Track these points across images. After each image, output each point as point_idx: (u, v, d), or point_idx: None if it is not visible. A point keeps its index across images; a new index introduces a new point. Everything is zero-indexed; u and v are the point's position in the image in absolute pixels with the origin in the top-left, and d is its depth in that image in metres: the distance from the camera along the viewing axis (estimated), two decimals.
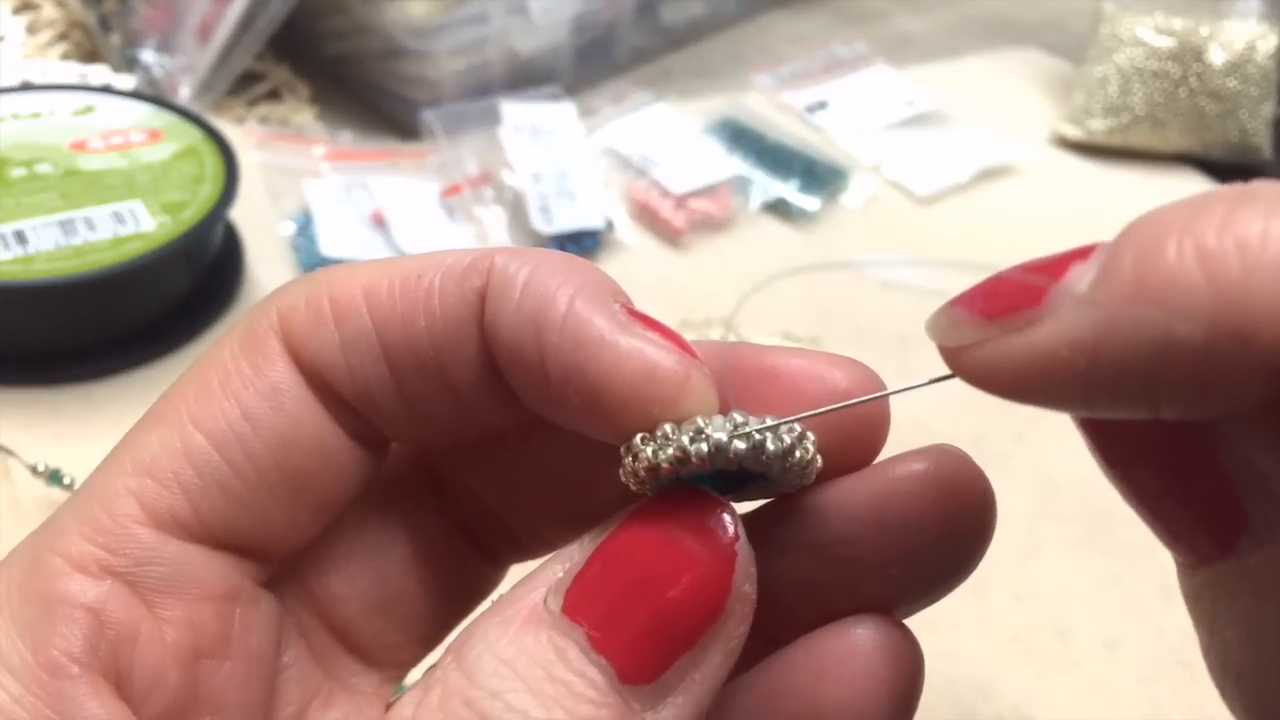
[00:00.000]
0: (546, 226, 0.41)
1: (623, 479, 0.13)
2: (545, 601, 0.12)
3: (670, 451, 0.12)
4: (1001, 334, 0.12)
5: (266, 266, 0.40)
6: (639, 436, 0.13)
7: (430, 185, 0.43)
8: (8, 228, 0.35)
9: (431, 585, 0.15)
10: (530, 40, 0.48)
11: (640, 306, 0.14)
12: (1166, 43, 0.49)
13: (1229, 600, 0.13)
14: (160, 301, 0.37)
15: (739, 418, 0.13)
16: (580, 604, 0.12)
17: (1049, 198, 0.49)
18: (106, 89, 0.42)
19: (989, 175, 0.49)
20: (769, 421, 0.13)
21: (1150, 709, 0.29)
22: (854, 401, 0.14)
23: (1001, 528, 0.37)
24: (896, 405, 0.42)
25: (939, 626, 0.30)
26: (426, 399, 0.14)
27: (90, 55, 0.50)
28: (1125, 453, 0.14)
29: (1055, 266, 0.12)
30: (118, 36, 0.48)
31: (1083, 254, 0.12)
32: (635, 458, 0.13)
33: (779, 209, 0.45)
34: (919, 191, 0.47)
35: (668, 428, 0.12)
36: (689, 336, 0.13)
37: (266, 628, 0.14)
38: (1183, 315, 0.10)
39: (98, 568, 0.13)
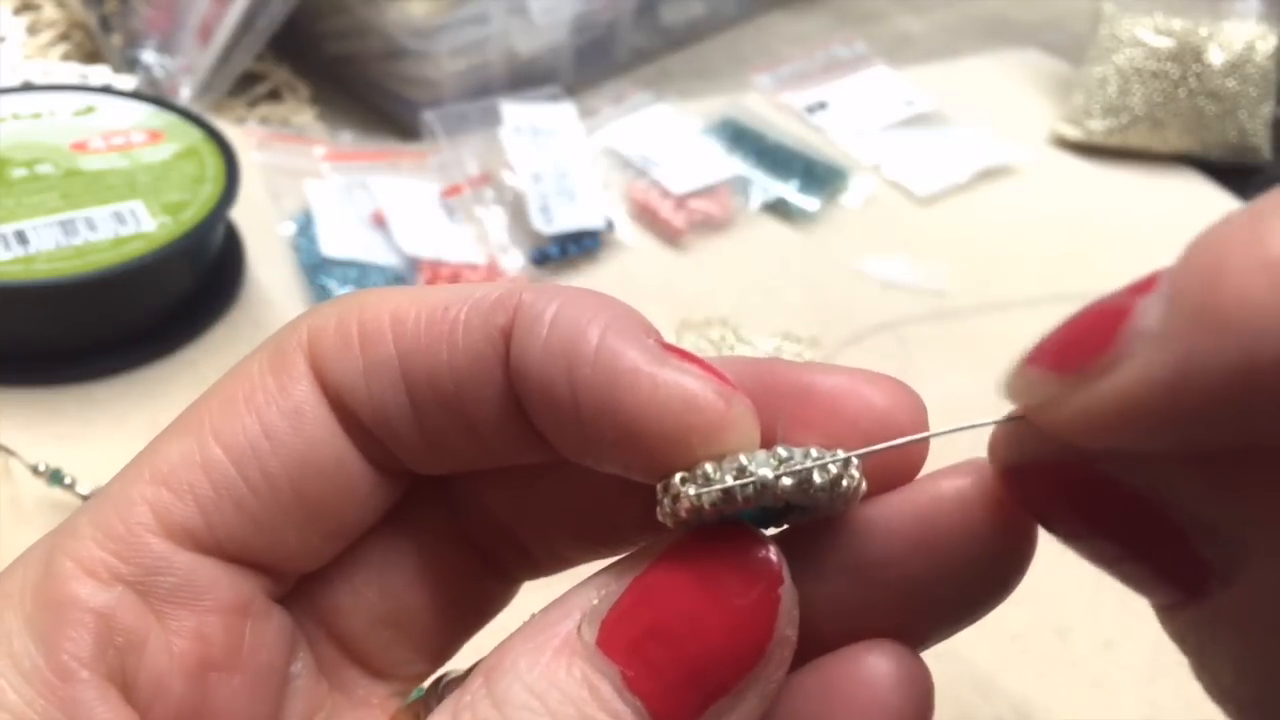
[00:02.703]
0: (547, 226, 0.42)
1: (660, 518, 0.12)
2: (580, 631, 0.12)
3: (714, 492, 0.12)
4: (1080, 385, 0.11)
5: (267, 266, 0.40)
6: (678, 476, 0.12)
7: (430, 185, 0.43)
8: (9, 228, 0.35)
9: (440, 600, 0.15)
10: (530, 41, 0.48)
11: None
12: (1166, 43, 0.49)
13: (1211, 636, 0.12)
14: (161, 302, 0.37)
15: (783, 453, 0.12)
16: (615, 638, 0.12)
17: (1048, 198, 0.49)
18: (107, 89, 0.42)
19: (988, 175, 0.49)
20: (814, 454, 0.12)
21: (1149, 709, 0.29)
22: (908, 440, 0.13)
23: None
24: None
25: None
26: (444, 431, 0.13)
27: (91, 56, 0.50)
28: (1075, 527, 0.13)
29: (1121, 303, 0.11)
30: (118, 37, 0.48)
31: (1146, 286, 0.11)
32: (675, 499, 0.12)
33: (779, 209, 0.46)
34: (918, 192, 0.47)
35: (708, 466, 0.12)
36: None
37: (277, 642, 0.14)
38: (1262, 335, 0.09)
39: (108, 574, 0.13)
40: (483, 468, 0.14)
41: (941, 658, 0.33)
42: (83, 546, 0.13)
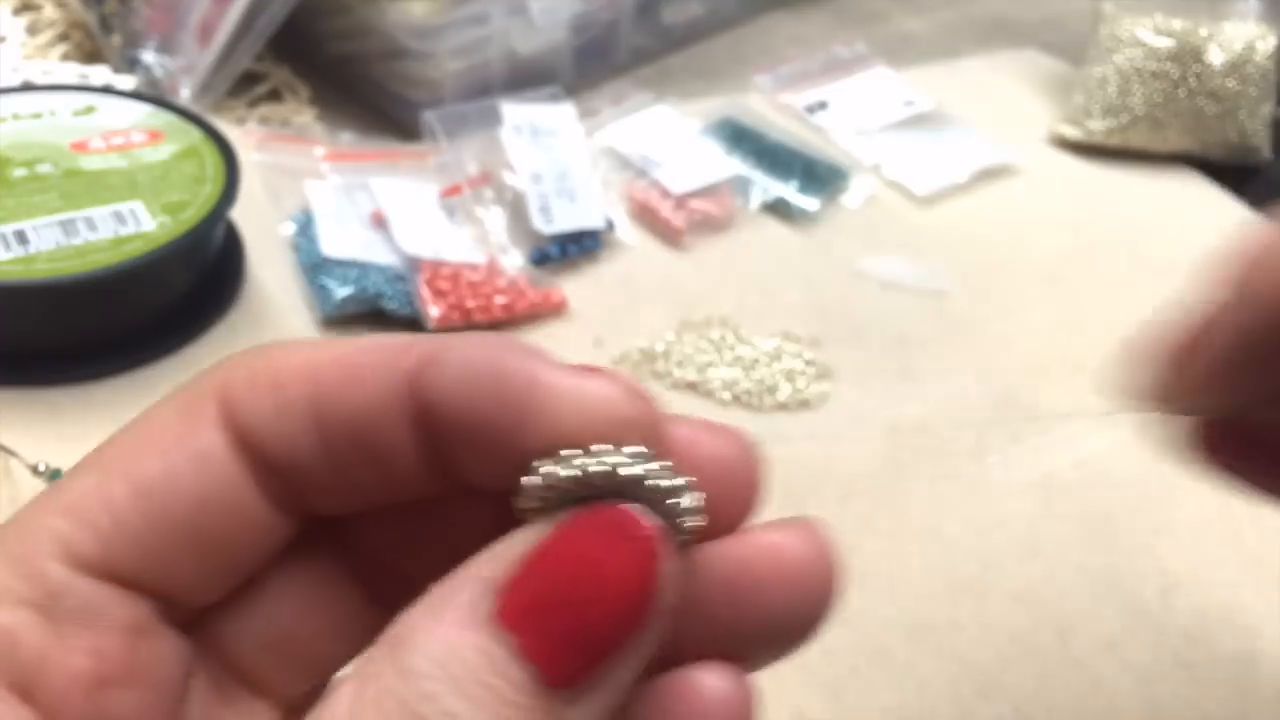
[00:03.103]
0: (547, 227, 0.42)
1: (519, 504, 0.14)
2: (477, 604, 0.13)
3: (567, 471, 0.13)
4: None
5: (267, 266, 0.40)
6: (537, 461, 0.14)
7: (430, 186, 0.43)
8: (8, 228, 0.35)
9: (324, 627, 0.16)
10: (530, 41, 0.48)
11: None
12: (1165, 43, 0.49)
13: None
14: (161, 301, 0.37)
15: (632, 450, 0.14)
16: (510, 608, 0.13)
17: (1048, 198, 0.49)
18: (107, 89, 0.42)
19: (988, 175, 0.49)
20: (665, 465, 0.14)
21: (1150, 709, 0.29)
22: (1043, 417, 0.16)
23: (1001, 529, 0.37)
24: (900, 408, 0.42)
25: (939, 627, 0.30)
26: (352, 469, 0.15)
27: (91, 56, 0.50)
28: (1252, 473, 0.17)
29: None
30: (118, 37, 0.48)
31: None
32: (535, 477, 0.14)
33: (779, 209, 0.46)
34: (918, 192, 0.47)
35: (569, 452, 0.13)
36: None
37: (172, 660, 0.15)
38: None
39: (13, 597, 0.14)
40: (382, 504, 0.15)
41: (944, 659, 0.33)
42: None
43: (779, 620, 0.15)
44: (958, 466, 0.35)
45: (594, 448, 0.13)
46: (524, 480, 0.14)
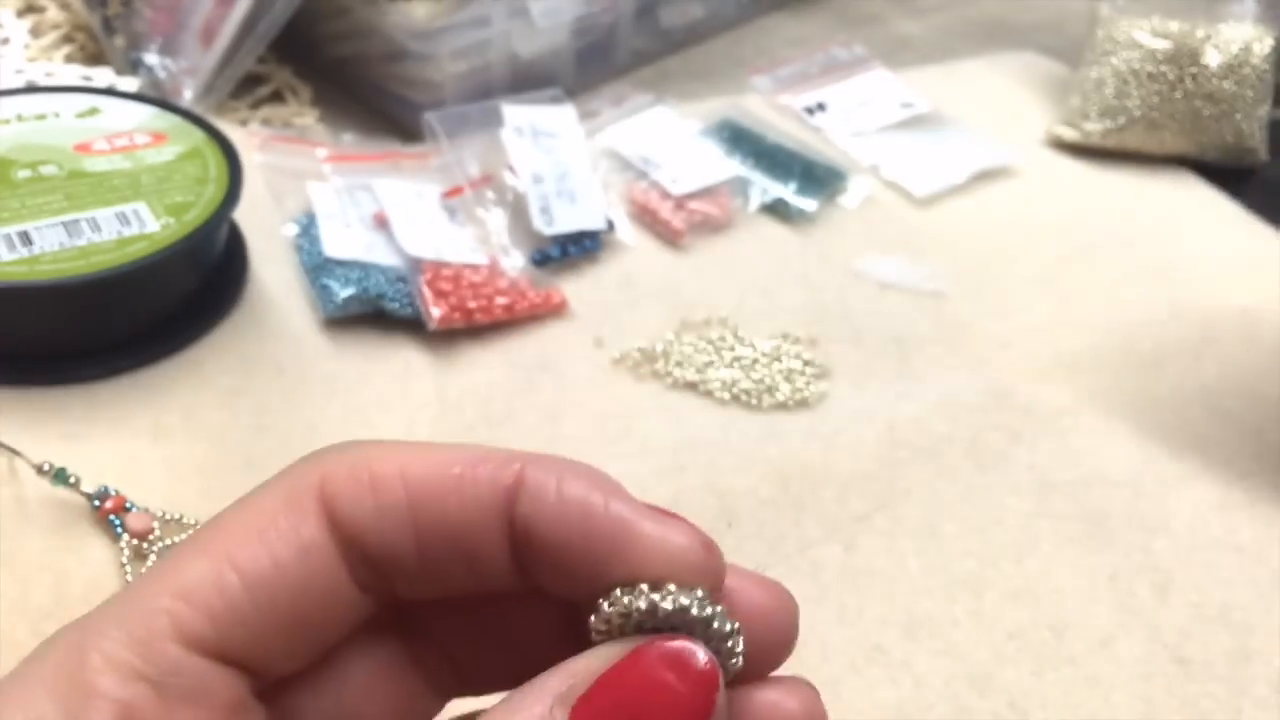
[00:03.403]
0: (547, 227, 0.42)
1: (593, 626, 0.16)
2: (552, 713, 0.15)
3: (642, 603, 0.16)
4: None
5: (270, 267, 0.40)
6: (618, 590, 0.16)
7: (432, 187, 0.43)
8: (13, 229, 0.35)
9: (385, 710, 0.18)
10: (531, 43, 0.48)
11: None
12: (1162, 45, 0.49)
13: None
14: (165, 302, 0.37)
15: (699, 594, 0.16)
16: (585, 718, 0.15)
17: (1045, 199, 0.49)
18: (110, 91, 0.43)
19: (986, 177, 0.49)
20: (722, 610, 0.16)
21: (1144, 705, 0.29)
22: None
23: (998, 527, 0.37)
24: (897, 408, 0.42)
25: (936, 624, 0.31)
26: (443, 565, 0.17)
27: (94, 58, 0.50)
28: None
29: None
30: (121, 39, 0.48)
31: None
32: (611, 604, 0.16)
33: (778, 210, 0.46)
34: (916, 193, 0.48)
35: (644, 586, 0.16)
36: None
37: None
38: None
39: (131, 672, 0.15)
40: (464, 593, 0.18)
41: (941, 656, 0.33)
42: (111, 645, 0.16)
43: None
44: (954, 466, 0.35)
45: (670, 587, 0.16)
46: (603, 605, 0.16)
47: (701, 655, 0.15)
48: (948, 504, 0.34)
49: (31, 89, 0.43)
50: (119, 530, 0.30)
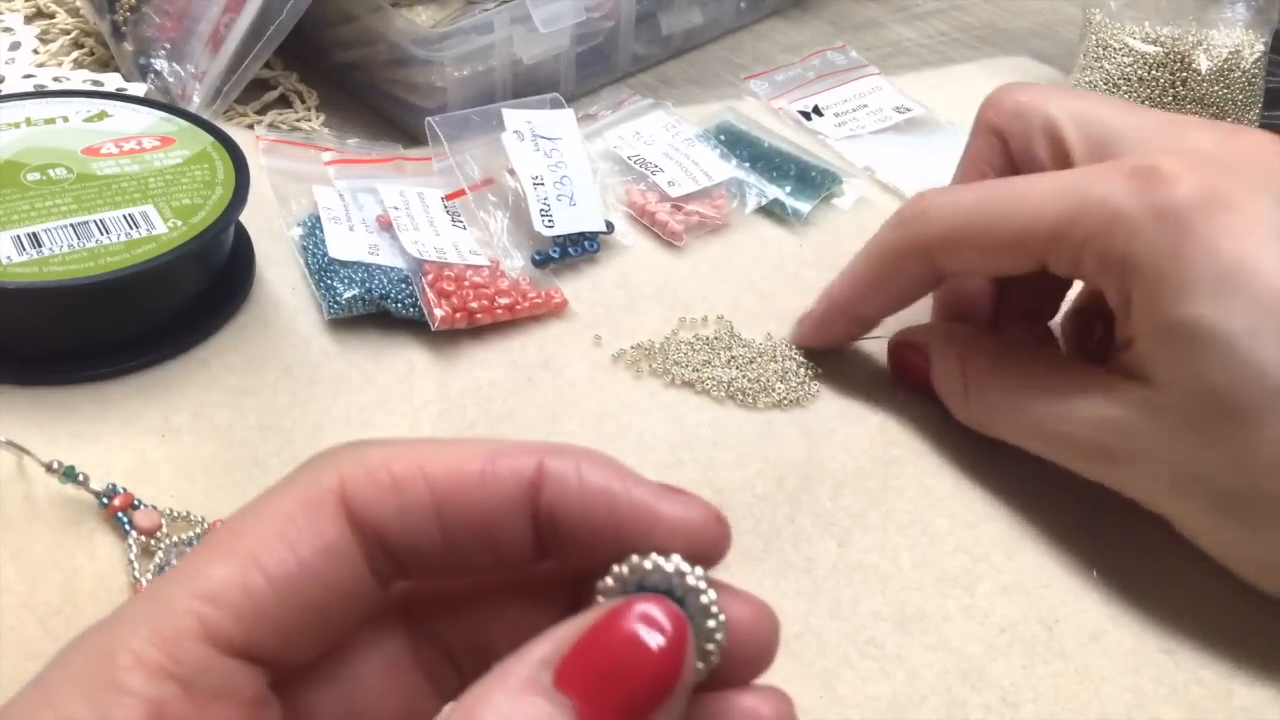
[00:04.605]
0: (548, 229, 0.42)
1: (600, 585, 0.18)
2: (538, 675, 0.16)
3: (626, 570, 0.17)
4: None
5: (276, 268, 0.41)
6: (636, 559, 0.17)
7: (435, 190, 0.44)
8: (22, 231, 0.35)
9: (391, 709, 0.19)
10: (533, 48, 0.49)
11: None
12: (1153, 50, 0.50)
13: None
14: (172, 302, 0.37)
15: (700, 570, 0.17)
16: (567, 679, 0.16)
17: None
18: (119, 96, 0.43)
19: None
20: (714, 593, 0.17)
21: (1133, 697, 0.30)
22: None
23: (989, 523, 0.38)
24: (890, 407, 0.43)
25: (929, 618, 0.31)
26: (470, 554, 0.18)
27: (103, 63, 0.51)
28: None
29: None
30: (130, 45, 0.49)
31: None
32: (608, 576, 0.18)
33: (774, 212, 0.46)
34: (910, 195, 0.48)
35: (655, 556, 0.17)
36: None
37: None
38: None
39: (160, 671, 0.16)
40: (484, 575, 0.19)
41: (933, 650, 0.34)
42: (139, 645, 0.16)
43: None
44: (946, 463, 0.36)
45: (675, 557, 0.17)
46: (604, 579, 0.17)
47: (675, 612, 0.17)
48: (940, 500, 0.34)
49: (41, 93, 0.43)
50: (127, 528, 0.31)
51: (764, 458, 0.35)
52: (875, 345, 0.40)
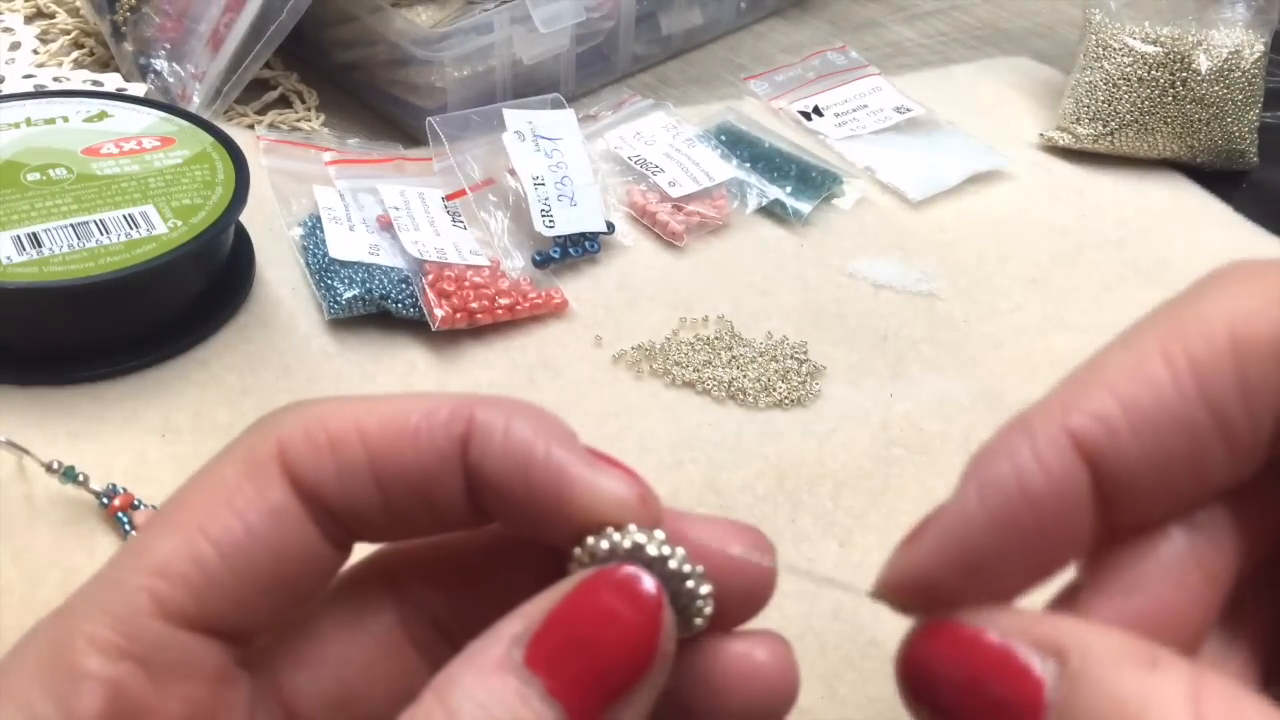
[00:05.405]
0: (548, 229, 0.42)
1: (567, 565, 0.17)
2: (509, 653, 0.15)
3: (605, 545, 0.16)
4: None
5: (276, 268, 0.41)
6: (589, 539, 0.16)
7: (435, 190, 0.44)
8: (23, 230, 0.35)
9: (384, 689, 0.18)
10: (533, 48, 0.49)
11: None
12: (1153, 50, 0.50)
13: None
14: (173, 302, 0.37)
15: (660, 535, 0.16)
16: (538, 656, 0.15)
17: (1038, 202, 0.50)
18: (119, 96, 0.43)
19: (979, 180, 0.50)
20: (681, 551, 0.16)
21: None
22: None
23: None
24: (891, 407, 0.43)
25: None
26: (408, 513, 0.17)
27: (103, 63, 0.51)
28: None
29: None
30: (130, 45, 0.49)
31: None
32: (580, 548, 0.17)
33: (774, 212, 0.46)
34: (910, 195, 0.48)
35: (610, 530, 0.16)
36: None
37: (245, 705, 0.17)
38: None
39: (116, 651, 0.16)
40: (430, 535, 0.18)
41: None
42: (93, 628, 0.16)
43: (745, 716, 0.17)
44: (947, 463, 0.36)
45: (631, 528, 0.16)
46: (575, 551, 0.16)
47: (647, 580, 0.16)
48: (939, 500, 0.34)
49: (41, 93, 0.43)
50: (127, 527, 0.31)
51: (764, 458, 0.35)
52: (876, 345, 0.40)
